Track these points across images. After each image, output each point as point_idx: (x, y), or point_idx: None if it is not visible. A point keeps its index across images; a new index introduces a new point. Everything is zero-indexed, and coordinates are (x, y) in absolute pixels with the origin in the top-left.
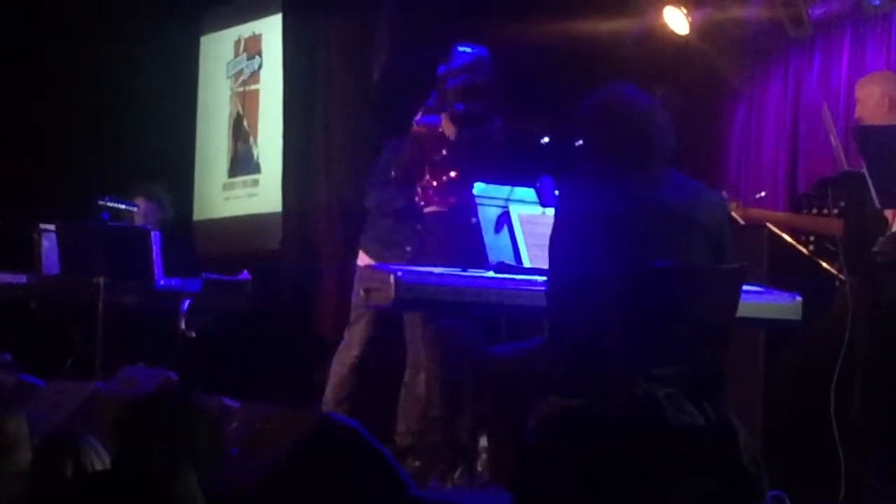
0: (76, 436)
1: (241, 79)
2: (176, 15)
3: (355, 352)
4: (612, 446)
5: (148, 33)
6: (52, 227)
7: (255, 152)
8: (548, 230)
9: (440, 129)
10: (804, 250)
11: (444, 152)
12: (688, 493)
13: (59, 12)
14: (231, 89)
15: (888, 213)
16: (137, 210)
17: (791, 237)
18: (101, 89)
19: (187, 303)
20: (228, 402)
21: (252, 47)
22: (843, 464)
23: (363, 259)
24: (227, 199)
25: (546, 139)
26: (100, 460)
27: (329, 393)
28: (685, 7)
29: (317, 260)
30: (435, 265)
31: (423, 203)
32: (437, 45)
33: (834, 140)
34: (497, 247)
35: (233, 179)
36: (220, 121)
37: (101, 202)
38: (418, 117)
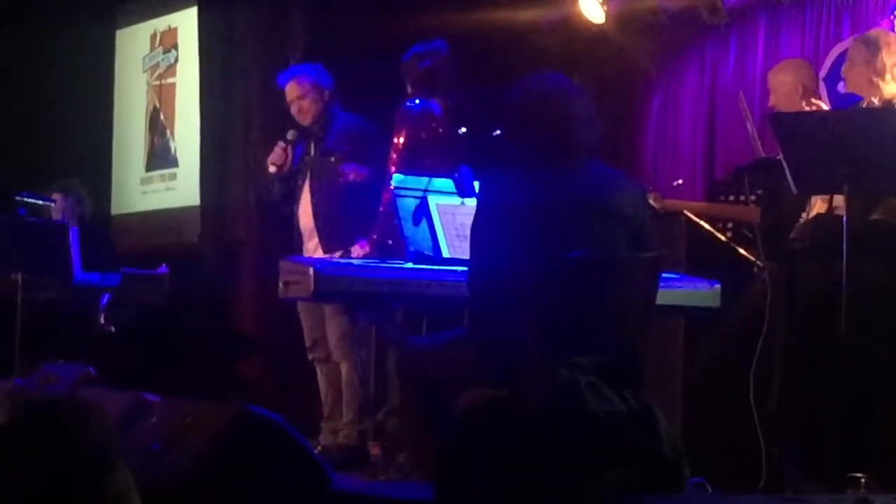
0: None
1: (157, 72)
2: (91, 9)
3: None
4: (533, 435)
5: (63, 27)
6: None
7: (172, 146)
8: (467, 220)
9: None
10: (722, 237)
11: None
12: (609, 481)
13: None
14: (147, 83)
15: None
16: (55, 205)
17: (709, 224)
18: (17, 85)
19: (106, 297)
20: (148, 396)
21: (168, 41)
22: (764, 450)
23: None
24: (145, 193)
25: (463, 129)
26: None
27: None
28: None
29: (235, 253)
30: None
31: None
32: (350, 38)
33: (750, 127)
34: (416, 238)
35: (150, 173)
36: (137, 115)
37: (18, 198)
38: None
